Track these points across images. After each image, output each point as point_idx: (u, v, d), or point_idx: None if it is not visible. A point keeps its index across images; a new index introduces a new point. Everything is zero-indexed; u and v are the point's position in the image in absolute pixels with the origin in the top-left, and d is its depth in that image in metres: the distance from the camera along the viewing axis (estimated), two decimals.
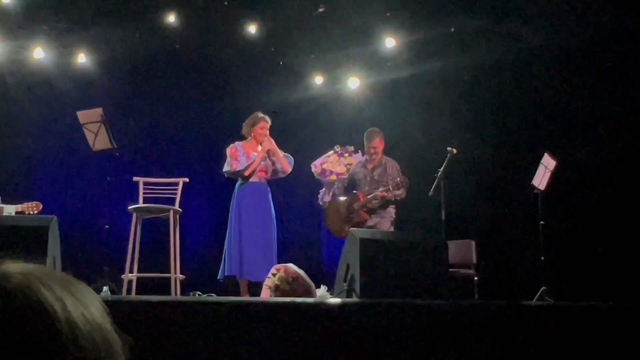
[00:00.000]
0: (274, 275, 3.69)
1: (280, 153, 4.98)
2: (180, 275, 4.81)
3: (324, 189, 5.37)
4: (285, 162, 4.94)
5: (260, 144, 4.87)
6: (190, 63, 6.82)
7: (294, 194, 7.08)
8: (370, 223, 5.01)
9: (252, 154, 4.79)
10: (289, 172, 5.05)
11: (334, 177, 5.42)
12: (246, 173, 4.80)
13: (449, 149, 5.12)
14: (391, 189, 4.90)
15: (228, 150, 4.85)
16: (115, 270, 5.09)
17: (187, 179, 5.18)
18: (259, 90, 7.09)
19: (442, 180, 5.08)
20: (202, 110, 6.96)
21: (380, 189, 4.92)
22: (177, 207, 4.92)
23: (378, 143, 5.13)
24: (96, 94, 6.29)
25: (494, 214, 6.50)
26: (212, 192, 6.80)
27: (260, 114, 4.95)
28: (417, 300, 3.01)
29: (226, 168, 4.88)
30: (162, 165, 6.59)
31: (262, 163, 4.82)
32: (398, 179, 4.96)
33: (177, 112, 6.80)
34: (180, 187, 5.04)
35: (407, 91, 7.09)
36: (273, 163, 4.91)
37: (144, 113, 6.65)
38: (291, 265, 3.68)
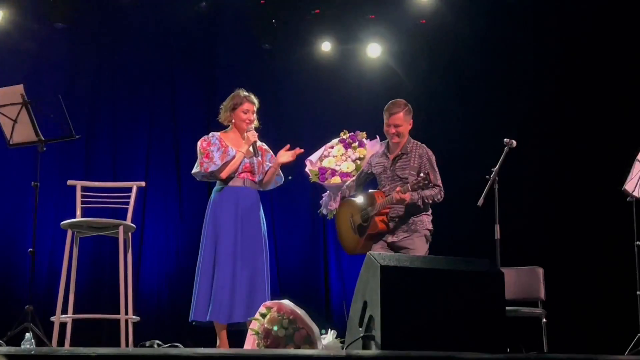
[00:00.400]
0: (262, 315, 3.64)
1: (267, 155, 4.94)
2: (134, 317, 4.76)
3: (327, 192, 5.00)
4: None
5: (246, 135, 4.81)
6: (145, 28, 6.81)
7: (293, 201, 7.07)
8: (393, 239, 4.64)
9: (232, 149, 4.74)
10: (282, 180, 5.01)
11: (337, 179, 4.95)
12: (222, 175, 4.73)
13: (506, 140, 5.03)
14: (411, 187, 4.42)
15: (199, 145, 4.78)
16: (42, 310, 5.04)
17: (143, 183, 5.15)
18: (243, 60, 7.08)
19: (496, 184, 5.02)
20: (165, 90, 6.94)
21: (398, 189, 4.48)
22: (129, 221, 4.88)
23: (401, 120, 4.68)
24: (17, 64, 6.27)
25: (569, 231, 6.46)
26: (181, 201, 6.78)
27: (243, 93, 4.86)
28: (462, 353, 2.96)
29: (195, 169, 4.82)
30: (108, 164, 6.60)
31: (247, 160, 4.76)
32: (421, 173, 4.50)
33: (130, 93, 6.78)
34: (133, 195, 5.01)
35: (445, 61, 7.09)
36: (260, 162, 4.84)
37: (84, 92, 6.63)
38: (287, 303, 3.63)
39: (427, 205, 4.69)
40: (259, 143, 4.89)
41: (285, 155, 4.86)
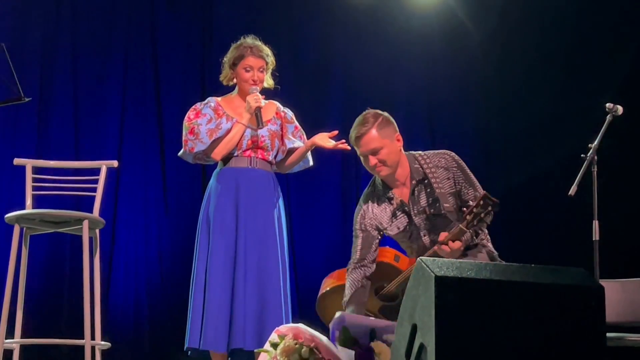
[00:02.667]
0: (274, 345, 3.66)
1: (290, 126, 4.93)
2: (103, 343, 4.81)
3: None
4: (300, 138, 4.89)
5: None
6: None
7: (317, 189, 7.09)
8: None
9: (230, 119, 4.74)
10: (311, 164, 4.99)
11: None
12: (215, 156, 4.76)
13: (609, 106, 5.00)
14: (467, 226, 4.09)
15: (186, 117, 4.81)
16: None
17: (115, 163, 5.19)
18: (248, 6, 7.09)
19: (595, 165, 4.99)
20: (144, 37, 6.96)
21: (443, 237, 4.13)
22: (96, 214, 4.91)
23: (377, 141, 4.30)
24: None
25: None
26: (165, 188, 6.82)
27: (248, 41, 4.88)
28: None
29: (181, 150, 4.87)
30: (69, 137, 6.63)
31: (249, 133, 4.77)
32: (476, 193, 4.27)
33: (97, 40, 6.81)
34: (102, 178, 5.05)
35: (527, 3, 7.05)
36: (276, 134, 4.84)
37: (37, 41, 6.67)
38: (303, 328, 3.65)
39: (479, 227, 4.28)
40: (280, 109, 4.91)
41: (325, 139, 4.79)
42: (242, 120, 4.76)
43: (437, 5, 7.33)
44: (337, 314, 4.08)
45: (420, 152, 4.44)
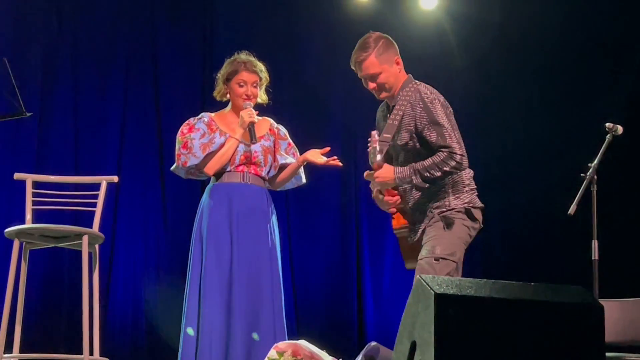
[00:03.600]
0: None
1: (283, 143, 4.91)
2: (102, 358, 4.79)
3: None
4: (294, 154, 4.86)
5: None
6: None
7: (317, 204, 7.08)
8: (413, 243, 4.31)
9: (223, 135, 4.77)
10: (303, 182, 4.98)
11: None
12: (208, 170, 4.76)
13: (608, 126, 5.01)
14: (417, 165, 4.12)
15: (179, 131, 4.83)
16: None
17: (115, 178, 5.18)
18: (251, 10, 7.10)
19: (594, 185, 4.99)
20: (145, 52, 6.98)
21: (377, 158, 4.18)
22: (95, 229, 4.91)
23: (376, 66, 4.36)
24: None
25: None
26: (164, 203, 6.83)
27: (242, 57, 4.88)
28: None
29: (175, 164, 4.87)
30: (69, 152, 6.64)
31: (242, 149, 4.75)
32: (439, 139, 4.15)
33: (99, 55, 6.83)
34: (102, 193, 5.05)
35: (524, 18, 7.06)
36: (269, 150, 4.82)
37: (39, 55, 6.68)
38: (304, 344, 3.65)
39: (442, 182, 4.20)
40: (274, 125, 4.91)
41: (316, 155, 4.77)
42: (235, 135, 4.75)
43: (437, 24, 7.36)
44: (373, 344, 4.08)
45: (419, 82, 4.40)
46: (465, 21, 7.30)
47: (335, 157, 4.71)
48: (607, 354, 3.48)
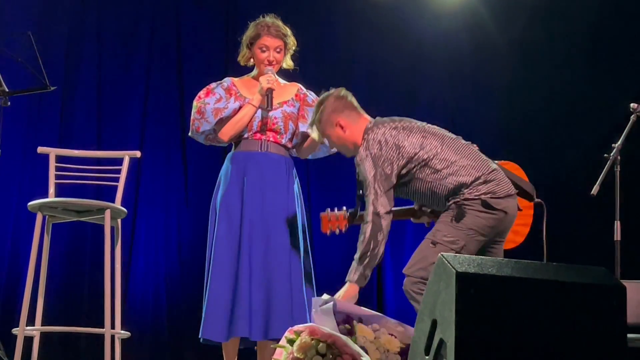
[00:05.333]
0: (290, 342, 3.67)
1: (310, 110, 4.70)
2: (122, 332, 4.83)
3: None
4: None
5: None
6: None
7: (337, 178, 7.10)
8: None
9: (235, 100, 4.67)
10: (333, 150, 4.82)
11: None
12: (222, 136, 4.66)
13: (633, 106, 4.99)
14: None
15: (196, 97, 4.78)
16: (0, 319, 5.14)
17: (137, 153, 5.20)
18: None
19: (618, 165, 4.97)
20: (168, 25, 6.98)
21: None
22: (118, 203, 4.94)
23: (324, 136, 4.42)
24: None
25: None
26: (187, 178, 6.85)
27: (268, 19, 4.73)
28: None
29: (190, 131, 4.83)
30: (92, 126, 6.67)
31: (260, 115, 4.64)
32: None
33: (121, 30, 6.84)
34: (125, 168, 5.07)
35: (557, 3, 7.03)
36: (290, 117, 4.70)
37: (63, 30, 6.70)
38: (319, 327, 3.66)
39: (441, 196, 4.26)
40: (302, 91, 4.80)
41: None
42: (252, 101, 4.64)
43: (462, 4, 7.30)
44: (325, 296, 4.09)
45: (385, 123, 4.31)
46: (495, 3, 7.23)
47: None
48: (629, 335, 3.48)
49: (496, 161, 4.37)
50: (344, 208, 4.53)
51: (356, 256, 4.16)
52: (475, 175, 4.16)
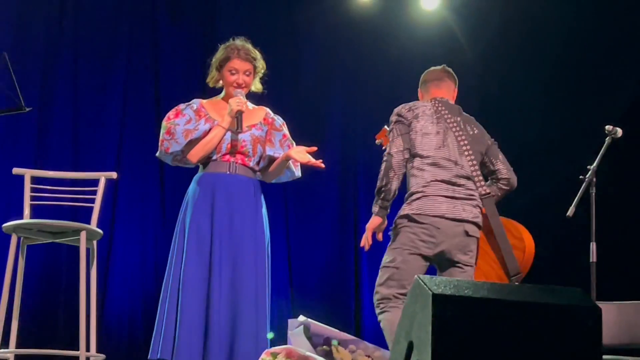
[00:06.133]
0: None
1: (277, 134, 4.77)
2: (98, 355, 4.80)
3: None
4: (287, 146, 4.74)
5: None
6: None
7: (315, 197, 7.10)
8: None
9: (206, 122, 4.65)
10: (297, 175, 4.85)
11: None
12: (191, 158, 4.64)
13: (608, 128, 5.03)
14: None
15: (165, 118, 4.73)
16: None
17: (114, 174, 5.19)
18: (252, 9, 7.11)
19: (593, 187, 5.00)
20: (145, 47, 6.98)
21: None
22: (94, 225, 4.91)
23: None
24: None
25: None
26: (163, 199, 6.83)
27: (238, 42, 4.74)
28: None
29: (158, 151, 4.76)
30: (68, 147, 6.64)
31: (229, 137, 4.62)
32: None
33: (99, 50, 6.83)
34: (101, 189, 5.05)
35: (525, 19, 7.06)
36: (259, 140, 4.69)
37: (39, 49, 6.68)
38: (295, 349, 3.65)
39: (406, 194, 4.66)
40: (269, 115, 4.79)
41: (300, 154, 4.67)
42: (222, 123, 4.62)
43: (438, 23, 7.37)
44: (302, 318, 4.11)
45: None
46: (467, 21, 7.30)
47: (320, 161, 4.64)
48: (605, 357, 3.48)
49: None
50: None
51: (375, 191, 4.51)
52: (413, 190, 4.47)
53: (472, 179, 4.54)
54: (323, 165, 4.64)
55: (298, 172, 4.86)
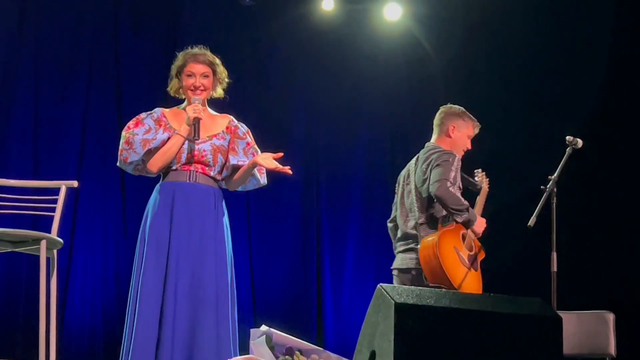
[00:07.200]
0: None
1: (241, 142, 4.72)
2: None
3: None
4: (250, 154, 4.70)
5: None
6: None
7: (278, 206, 7.09)
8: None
9: (164, 131, 4.60)
10: (262, 182, 4.83)
11: None
12: (151, 167, 4.61)
13: (569, 139, 5.07)
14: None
15: (125, 127, 4.67)
16: None
17: (75, 183, 5.14)
18: (215, 19, 7.10)
19: (554, 197, 5.04)
20: (107, 57, 6.95)
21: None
22: (54, 234, 4.87)
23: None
24: None
25: None
26: (125, 209, 6.80)
27: (195, 49, 4.71)
28: None
29: (118, 160, 4.71)
30: (28, 156, 6.59)
31: (190, 147, 4.58)
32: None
33: (59, 58, 6.79)
34: (61, 198, 5.01)
35: (488, 30, 7.12)
36: (220, 150, 4.64)
37: None
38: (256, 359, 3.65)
39: None
40: (232, 123, 4.75)
41: (267, 160, 4.64)
42: (181, 131, 4.59)
43: (402, 33, 7.41)
44: (264, 327, 4.10)
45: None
46: (431, 33, 7.34)
47: (288, 167, 4.61)
48: None
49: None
50: None
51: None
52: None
53: None
54: (290, 172, 4.60)
55: (264, 180, 4.81)
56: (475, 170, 5.36)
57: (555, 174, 5.03)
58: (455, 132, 5.29)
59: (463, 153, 5.30)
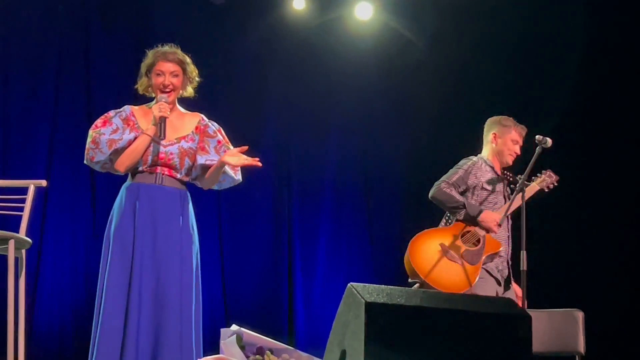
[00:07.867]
0: None
1: (212, 141, 4.69)
2: None
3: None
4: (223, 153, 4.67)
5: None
6: None
7: (250, 204, 7.08)
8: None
9: (131, 131, 4.58)
10: (237, 179, 4.80)
11: None
12: (118, 167, 4.60)
13: (538, 138, 5.10)
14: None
15: (92, 125, 4.65)
16: None
17: (43, 182, 5.10)
18: (185, 19, 7.10)
19: (523, 195, 5.06)
20: (76, 55, 6.92)
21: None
22: (22, 234, 4.83)
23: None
24: None
25: (620, 264, 6.51)
26: (94, 209, 6.77)
27: (165, 47, 4.68)
28: None
29: (85, 159, 4.70)
30: None
31: (156, 149, 4.54)
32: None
33: (28, 55, 6.75)
34: (30, 198, 4.97)
35: (463, 27, 7.15)
36: (187, 153, 4.59)
37: None
38: (227, 358, 3.64)
39: None
40: (202, 122, 4.72)
41: (232, 157, 4.61)
42: (147, 131, 4.57)
43: (373, 33, 7.42)
44: (234, 327, 4.10)
45: None
46: (400, 30, 7.36)
47: (257, 159, 4.57)
48: None
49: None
50: None
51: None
52: None
53: None
54: (260, 164, 4.57)
55: (238, 177, 4.77)
56: (543, 171, 5.36)
57: (524, 174, 5.06)
58: (497, 139, 5.39)
59: (512, 159, 5.40)
